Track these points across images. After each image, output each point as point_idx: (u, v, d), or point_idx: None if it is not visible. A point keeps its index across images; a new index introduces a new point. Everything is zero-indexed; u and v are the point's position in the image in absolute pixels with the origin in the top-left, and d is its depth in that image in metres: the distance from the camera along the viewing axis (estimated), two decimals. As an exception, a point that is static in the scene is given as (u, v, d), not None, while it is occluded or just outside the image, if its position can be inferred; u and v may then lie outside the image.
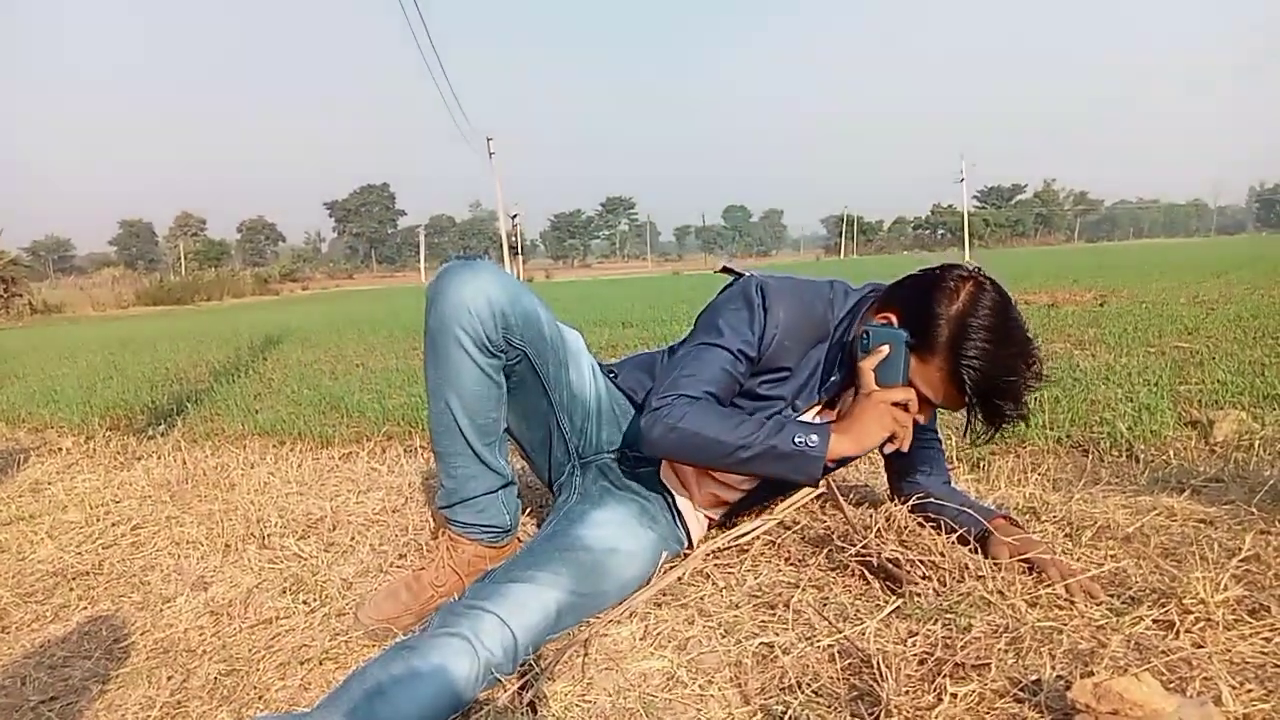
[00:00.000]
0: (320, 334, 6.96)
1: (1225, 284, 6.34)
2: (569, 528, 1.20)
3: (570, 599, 1.10)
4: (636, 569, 1.23)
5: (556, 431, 1.36)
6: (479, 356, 1.21)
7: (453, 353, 1.21)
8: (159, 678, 1.13)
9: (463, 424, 1.25)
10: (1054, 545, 1.30)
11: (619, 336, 5.03)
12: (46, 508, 1.98)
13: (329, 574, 1.44)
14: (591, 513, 1.23)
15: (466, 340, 1.20)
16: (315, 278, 68.17)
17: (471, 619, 0.99)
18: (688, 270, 47.60)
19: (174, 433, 2.83)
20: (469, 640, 0.96)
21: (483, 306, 1.19)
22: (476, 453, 1.28)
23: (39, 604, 1.43)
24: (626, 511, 1.27)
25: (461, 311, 1.19)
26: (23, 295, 22.74)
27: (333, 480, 2.08)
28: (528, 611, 1.03)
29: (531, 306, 1.26)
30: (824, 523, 1.48)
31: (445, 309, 1.20)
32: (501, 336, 1.22)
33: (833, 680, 0.98)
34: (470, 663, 0.95)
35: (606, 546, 1.18)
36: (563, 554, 1.13)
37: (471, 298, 1.19)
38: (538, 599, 1.06)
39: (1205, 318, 3.98)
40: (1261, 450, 1.77)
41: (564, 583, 1.09)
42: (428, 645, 0.95)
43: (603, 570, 1.16)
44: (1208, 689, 0.87)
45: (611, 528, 1.22)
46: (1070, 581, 1.13)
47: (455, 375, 1.22)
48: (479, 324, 1.19)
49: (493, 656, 0.97)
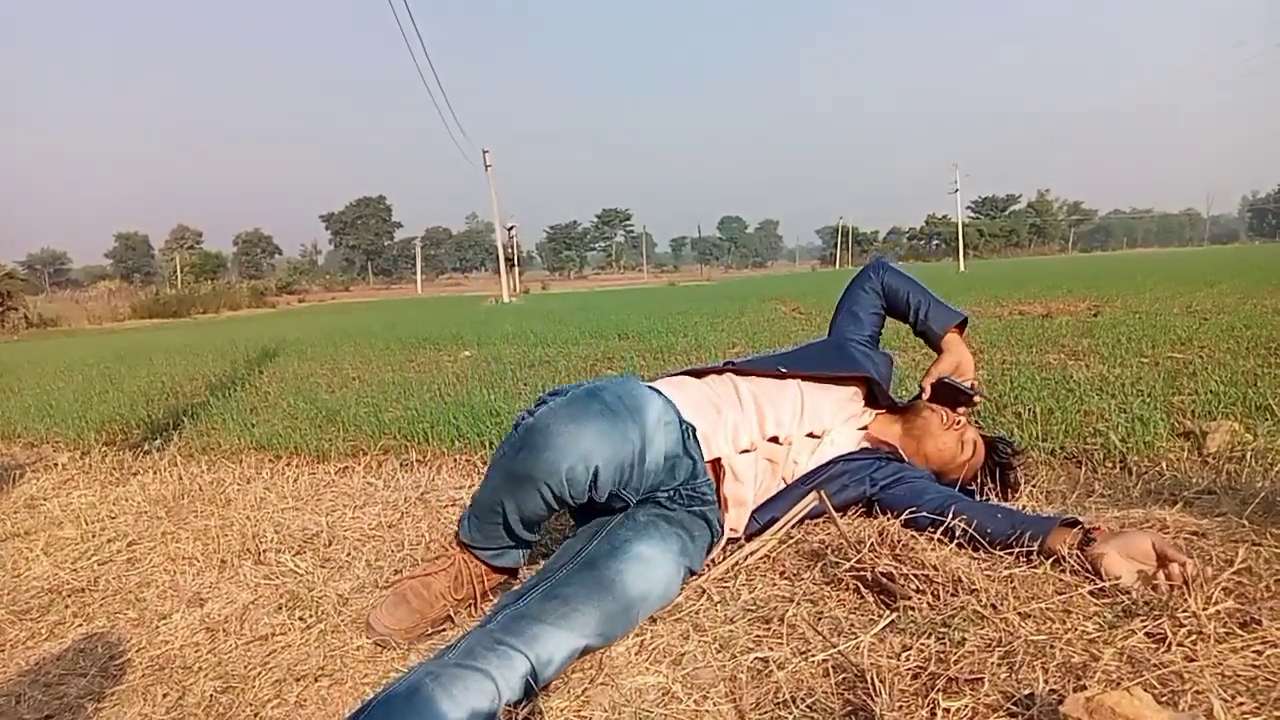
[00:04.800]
0: (317, 347, 6.95)
1: (1218, 294, 6.37)
2: (610, 560, 1.17)
3: (596, 641, 1.10)
4: (659, 601, 1.22)
5: (619, 503, 1.29)
6: (554, 504, 1.18)
7: (529, 493, 1.17)
8: (155, 695, 1.13)
9: (511, 521, 1.23)
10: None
11: (614, 349, 5.03)
12: (42, 523, 1.98)
13: (325, 590, 1.44)
14: (634, 545, 1.20)
15: (548, 492, 1.16)
16: (312, 290, 68.15)
17: (500, 658, 0.99)
18: (684, 281, 47.70)
19: (170, 447, 2.82)
20: (494, 681, 0.96)
21: (580, 475, 1.14)
22: (515, 534, 1.27)
23: (34, 621, 1.42)
24: (667, 549, 1.23)
25: (555, 474, 1.14)
26: (18, 309, 22.69)
27: (329, 495, 2.08)
28: (556, 657, 1.04)
29: (628, 454, 1.20)
30: (818, 537, 1.49)
31: (537, 465, 1.14)
32: (585, 494, 1.17)
33: (827, 695, 0.98)
34: (491, 702, 0.94)
35: (640, 591, 1.16)
36: (599, 597, 1.11)
37: (571, 465, 1.14)
38: (568, 646, 1.05)
39: (1198, 328, 4.00)
40: (1253, 462, 1.77)
41: (593, 627, 1.09)
42: (453, 677, 0.94)
43: (632, 614, 1.16)
44: (1199, 702, 0.87)
45: (650, 568, 1.19)
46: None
47: (524, 501, 1.19)
48: (567, 488, 1.15)
49: (513, 695, 0.98)
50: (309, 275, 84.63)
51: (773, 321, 6.67)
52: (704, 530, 1.33)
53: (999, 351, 3.73)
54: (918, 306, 1.65)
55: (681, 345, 4.96)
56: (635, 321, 7.22)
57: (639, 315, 8.29)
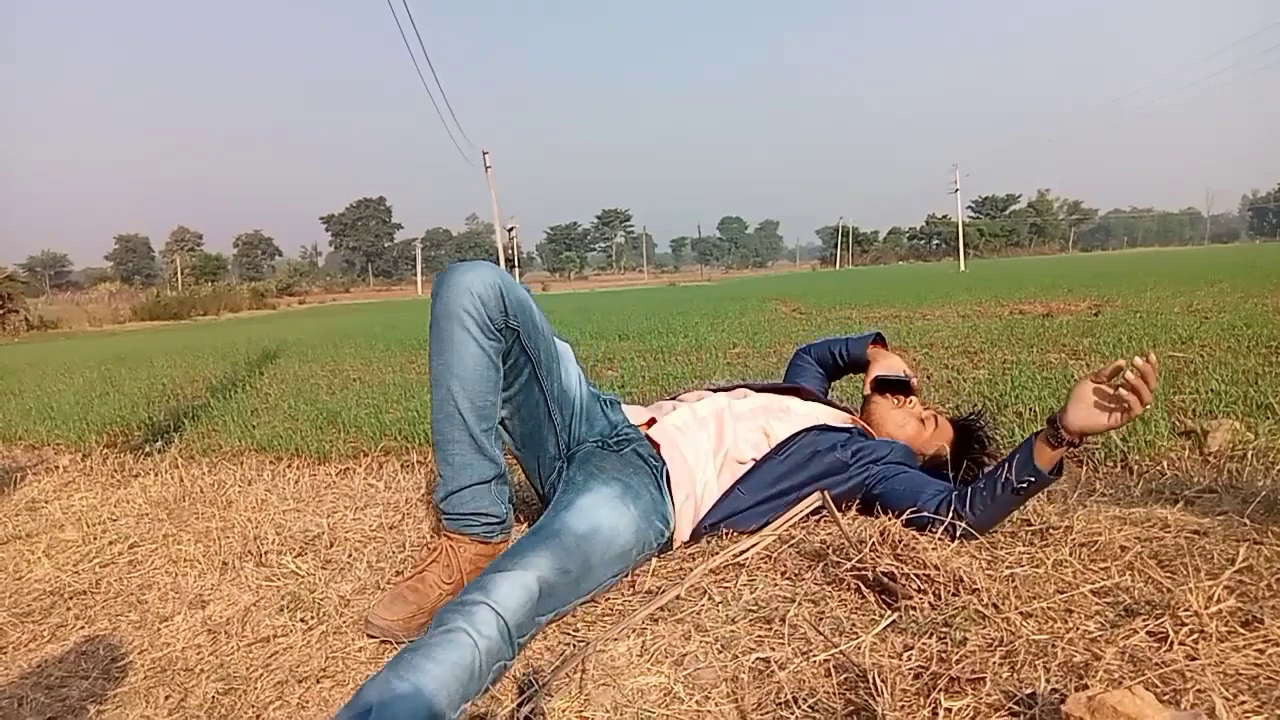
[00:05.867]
0: (317, 348, 6.96)
1: (1219, 292, 6.37)
2: (554, 516, 1.26)
3: (553, 577, 1.15)
4: (620, 545, 1.29)
5: (548, 424, 1.46)
6: (481, 338, 1.32)
7: (456, 335, 1.31)
8: (157, 697, 1.13)
9: (463, 407, 1.33)
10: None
11: (615, 349, 5.03)
12: (43, 526, 1.98)
13: (326, 591, 1.44)
14: (576, 500, 1.29)
15: (470, 322, 1.30)
16: (312, 292, 68.17)
17: (465, 613, 1.04)
18: (684, 282, 47.69)
19: (171, 449, 2.82)
20: (466, 631, 1.01)
21: (486, 289, 1.31)
22: (474, 437, 1.35)
23: (36, 624, 1.42)
24: (609, 492, 1.32)
25: (465, 294, 1.30)
26: (19, 311, 22.71)
27: (330, 496, 2.08)
28: (513, 594, 1.09)
29: (525, 296, 1.39)
30: (819, 537, 1.49)
31: (450, 294, 1.31)
32: (501, 316, 1.33)
33: (828, 695, 0.98)
34: (471, 652, 0.99)
35: (587, 527, 1.24)
36: (546, 540, 1.19)
37: (474, 281, 1.31)
38: (520, 581, 1.11)
39: (1199, 327, 4.00)
40: (1254, 460, 1.77)
41: (545, 563, 1.15)
42: (430, 644, 1.00)
43: (585, 549, 1.22)
44: (1201, 701, 0.87)
45: (592, 509, 1.28)
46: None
47: (458, 359, 1.32)
48: (481, 305, 1.30)
49: (490, 642, 1.02)
50: (309, 277, 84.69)
51: (773, 322, 6.67)
52: (642, 470, 1.41)
53: (1000, 351, 3.73)
54: (839, 349, 1.90)
55: (682, 346, 4.96)
56: (636, 322, 7.22)
57: (639, 316, 8.29)
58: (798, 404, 1.70)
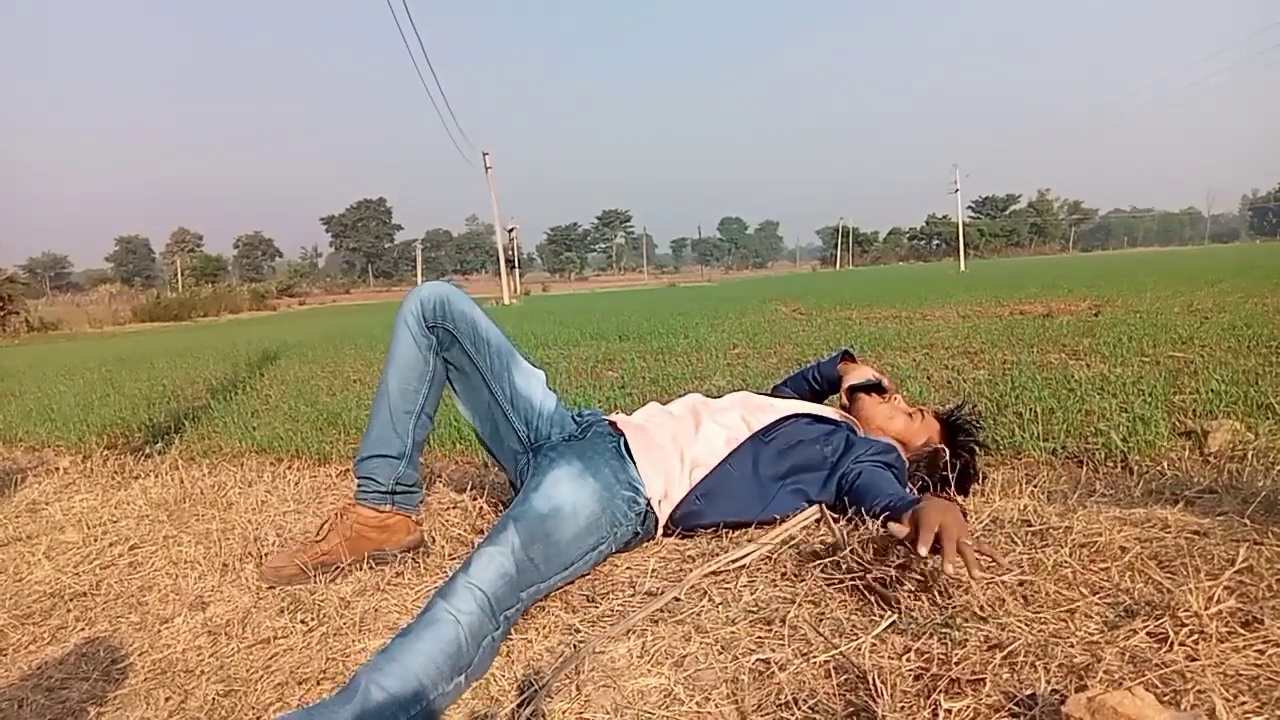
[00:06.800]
0: (317, 349, 6.96)
1: (1219, 292, 6.37)
2: (521, 499, 1.34)
3: (524, 554, 1.22)
4: (585, 516, 1.35)
5: (505, 423, 1.59)
6: (416, 333, 1.54)
7: (399, 331, 1.55)
8: (157, 699, 1.13)
9: (391, 388, 1.55)
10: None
11: (615, 350, 5.03)
12: (43, 528, 1.98)
13: (327, 593, 1.44)
14: (540, 481, 1.37)
15: (411, 320, 1.54)
16: (312, 293, 68.23)
17: (444, 592, 1.12)
18: (684, 282, 47.70)
19: (171, 451, 2.83)
20: (445, 609, 1.09)
21: (429, 296, 1.54)
22: (393, 415, 1.55)
23: (36, 625, 1.42)
24: (570, 470, 1.40)
25: (413, 300, 1.55)
26: (19, 313, 22.73)
27: (330, 498, 2.08)
28: (487, 569, 1.16)
29: (472, 310, 1.57)
30: (819, 538, 1.49)
31: (404, 303, 1.56)
32: (435, 317, 1.53)
33: (829, 696, 0.98)
34: (453, 627, 1.06)
35: (550, 505, 1.32)
36: (514, 519, 1.27)
37: (423, 291, 1.55)
38: (489, 557, 1.18)
39: (1199, 327, 4.00)
40: (1254, 460, 1.77)
41: (515, 541, 1.22)
42: (414, 625, 1.07)
43: (549, 526, 1.29)
44: (1201, 702, 0.87)
45: (553, 486, 1.35)
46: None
47: (396, 349, 1.55)
48: (420, 307, 1.53)
49: (471, 616, 1.09)
50: (309, 278, 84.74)
51: (773, 323, 6.67)
52: (598, 444, 1.49)
53: (1000, 351, 3.73)
54: (811, 374, 1.98)
55: (682, 346, 4.96)
56: (636, 323, 7.22)
57: (640, 317, 8.29)
58: (780, 400, 1.75)
